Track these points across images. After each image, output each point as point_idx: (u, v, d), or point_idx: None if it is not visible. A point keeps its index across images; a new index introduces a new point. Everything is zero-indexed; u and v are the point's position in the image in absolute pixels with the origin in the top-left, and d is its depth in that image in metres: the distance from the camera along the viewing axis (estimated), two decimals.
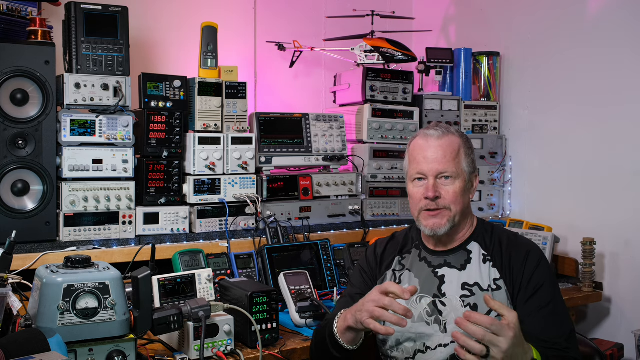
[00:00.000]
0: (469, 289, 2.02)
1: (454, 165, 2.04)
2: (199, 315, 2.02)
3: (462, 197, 2.06)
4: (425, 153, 2.07)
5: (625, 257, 3.13)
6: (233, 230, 2.94)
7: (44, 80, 2.54)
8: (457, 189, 2.04)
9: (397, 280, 2.15)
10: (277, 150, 3.12)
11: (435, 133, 2.08)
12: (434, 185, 2.04)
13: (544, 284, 1.99)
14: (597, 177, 3.24)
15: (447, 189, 2.04)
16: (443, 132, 2.08)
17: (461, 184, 2.05)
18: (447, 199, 2.04)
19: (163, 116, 2.83)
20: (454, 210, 2.05)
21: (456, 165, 2.05)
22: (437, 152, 2.05)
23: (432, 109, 3.56)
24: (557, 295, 2.01)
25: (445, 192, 2.04)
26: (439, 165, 2.04)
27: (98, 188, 2.69)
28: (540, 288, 1.98)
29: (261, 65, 3.74)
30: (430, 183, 2.05)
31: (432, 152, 2.06)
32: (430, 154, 2.06)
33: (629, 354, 3.00)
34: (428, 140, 2.08)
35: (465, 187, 2.08)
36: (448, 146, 2.06)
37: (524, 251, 2.05)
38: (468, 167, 2.08)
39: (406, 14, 3.95)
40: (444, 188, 2.04)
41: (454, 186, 2.04)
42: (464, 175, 2.07)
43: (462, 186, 2.06)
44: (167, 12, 3.43)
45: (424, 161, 2.06)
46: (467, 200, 2.10)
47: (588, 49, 3.28)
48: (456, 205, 2.05)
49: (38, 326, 1.77)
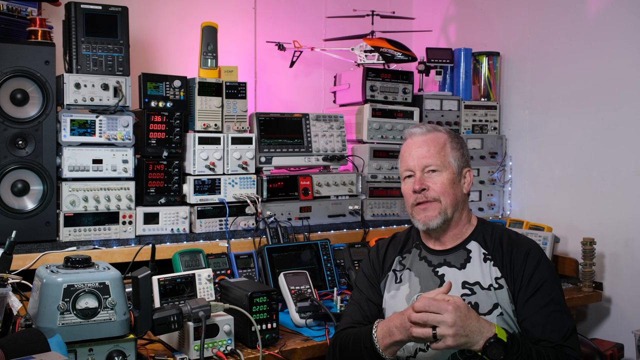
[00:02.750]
0: (469, 287, 2.02)
1: (438, 158, 2.09)
2: (199, 315, 2.02)
3: (451, 188, 2.08)
4: (410, 150, 2.13)
5: (625, 257, 3.13)
6: (233, 230, 2.94)
7: (44, 80, 2.54)
8: (444, 180, 2.08)
9: (397, 280, 2.15)
10: (277, 150, 3.12)
11: (420, 130, 2.15)
12: (420, 178, 2.09)
13: (544, 282, 1.99)
14: (597, 177, 3.24)
15: (434, 180, 2.08)
16: (428, 129, 2.15)
17: (449, 176, 2.08)
18: (434, 190, 2.07)
19: (163, 116, 2.83)
20: (444, 202, 2.07)
21: (441, 158, 2.09)
22: (421, 147, 2.11)
23: (432, 109, 3.56)
24: (558, 294, 2.01)
25: (432, 183, 2.08)
26: (424, 159, 2.09)
27: (98, 188, 2.69)
28: (541, 287, 1.99)
29: (261, 65, 3.74)
30: (417, 177, 2.10)
31: (417, 147, 2.12)
32: (415, 150, 2.11)
33: (629, 354, 3.00)
34: (413, 137, 2.15)
35: (455, 179, 2.10)
36: (432, 140, 2.11)
37: (524, 250, 2.05)
38: (456, 160, 2.11)
39: (406, 14, 3.95)
40: (431, 180, 2.08)
41: (441, 177, 2.08)
42: (451, 168, 2.10)
43: (450, 178, 2.09)
44: (167, 12, 3.44)
45: (409, 158, 2.12)
46: (459, 193, 2.11)
47: (588, 49, 3.28)
48: (445, 196, 2.07)
49: (38, 326, 1.77)
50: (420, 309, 1.80)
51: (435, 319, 1.77)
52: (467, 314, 1.79)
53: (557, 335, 1.93)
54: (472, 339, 1.78)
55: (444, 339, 1.76)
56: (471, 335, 1.78)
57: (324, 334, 2.37)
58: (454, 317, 1.76)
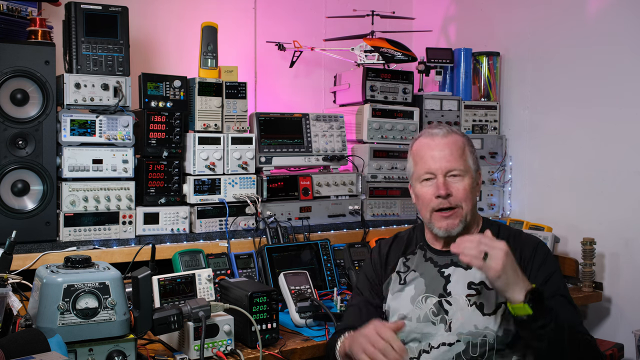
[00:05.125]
0: (475, 287, 2.02)
1: (461, 163, 2.04)
2: (199, 315, 2.02)
3: (471, 193, 2.06)
4: (432, 152, 2.06)
5: (625, 257, 3.13)
6: (233, 230, 2.94)
7: (44, 80, 2.54)
8: (466, 185, 2.04)
9: (402, 282, 2.14)
10: (277, 150, 3.12)
11: (440, 132, 2.08)
12: (444, 182, 2.03)
13: (553, 274, 2.00)
14: (597, 177, 3.24)
15: (457, 186, 2.03)
16: (447, 130, 2.09)
17: (470, 181, 2.05)
18: (458, 197, 2.03)
19: (163, 116, 2.83)
20: (465, 208, 2.04)
21: (463, 162, 2.05)
22: (444, 150, 2.05)
23: (432, 109, 3.56)
24: (565, 288, 2.02)
25: (455, 189, 2.03)
26: (448, 162, 2.04)
27: (98, 188, 2.69)
28: (551, 277, 1.99)
29: (261, 65, 3.74)
30: (440, 181, 2.03)
31: (439, 150, 2.05)
32: (438, 153, 2.05)
33: (629, 354, 3.00)
34: (434, 139, 2.08)
35: (473, 184, 2.07)
36: (454, 144, 2.06)
37: (531, 246, 2.05)
38: (473, 164, 2.09)
39: (406, 14, 3.95)
40: (454, 185, 2.03)
41: (463, 183, 2.04)
42: (471, 173, 2.07)
43: (471, 183, 2.06)
44: (167, 12, 3.43)
45: (431, 160, 2.05)
46: (475, 198, 2.10)
47: (588, 49, 3.28)
48: (467, 202, 2.04)
49: (38, 326, 1.77)
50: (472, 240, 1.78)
51: (488, 244, 1.75)
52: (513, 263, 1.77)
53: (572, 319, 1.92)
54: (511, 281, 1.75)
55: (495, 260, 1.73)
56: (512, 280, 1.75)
57: (324, 334, 2.37)
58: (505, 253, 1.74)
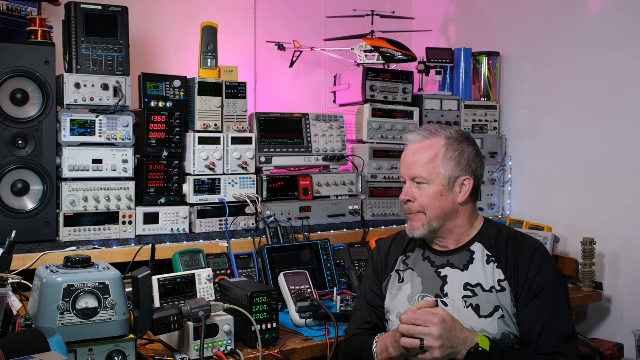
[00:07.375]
0: (471, 289, 2.02)
1: (425, 171, 2.06)
2: (199, 315, 2.02)
3: (437, 201, 2.05)
4: (405, 156, 2.13)
5: (625, 257, 3.13)
6: (233, 230, 2.94)
7: (44, 80, 2.54)
8: (429, 193, 2.06)
9: (400, 280, 2.15)
10: (277, 150, 3.12)
11: (414, 137, 2.12)
12: (407, 189, 2.11)
13: (545, 287, 1.98)
14: (597, 177, 3.24)
15: (420, 193, 2.07)
16: (424, 136, 2.10)
17: (436, 189, 2.05)
18: (420, 203, 2.07)
19: (163, 116, 2.83)
20: (429, 214, 2.06)
21: (429, 170, 2.05)
22: (412, 157, 2.10)
23: (432, 109, 3.56)
24: (559, 298, 1.99)
25: (418, 195, 2.07)
26: (411, 170, 2.09)
27: (98, 188, 2.69)
28: (541, 292, 1.97)
29: (261, 65, 3.74)
30: (406, 187, 2.12)
31: (409, 156, 2.11)
32: (408, 158, 2.11)
33: (629, 354, 3.00)
34: (409, 144, 2.14)
35: (443, 191, 2.05)
36: (424, 150, 2.08)
37: (529, 251, 2.03)
38: (448, 171, 2.05)
39: (406, 14, 3.95)
40: (417, 192, 2.08)
41: (426, 191, 2.06)
42: (440, 180, 2.05)
43: (437, 190, 2.05)
44: (167, 12, 3.43)
45: (403, 165, 2.13)
46: (448, 204, 2.06)
47: (588, 49, 3.28)
48: (431, 209, 2.06)
49: (38, 326, 1.77)
50: (407, 322, 1.84)
51: (422, 331, 1.81)
52: (453, 325, 1.83)
53: (551, 342, 1.93)
54: (456, 349, 1.83)
55: (431, 351, 1.81)
56: (456, 346, 1.82)
57: (324, 334, 2.37)
58: (440, 330, 1.80)
